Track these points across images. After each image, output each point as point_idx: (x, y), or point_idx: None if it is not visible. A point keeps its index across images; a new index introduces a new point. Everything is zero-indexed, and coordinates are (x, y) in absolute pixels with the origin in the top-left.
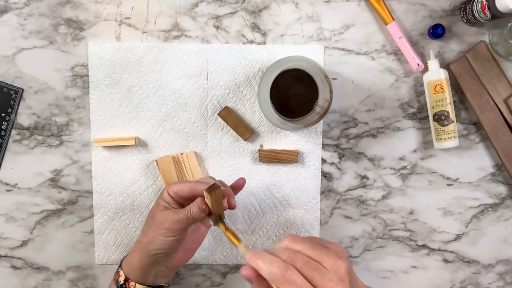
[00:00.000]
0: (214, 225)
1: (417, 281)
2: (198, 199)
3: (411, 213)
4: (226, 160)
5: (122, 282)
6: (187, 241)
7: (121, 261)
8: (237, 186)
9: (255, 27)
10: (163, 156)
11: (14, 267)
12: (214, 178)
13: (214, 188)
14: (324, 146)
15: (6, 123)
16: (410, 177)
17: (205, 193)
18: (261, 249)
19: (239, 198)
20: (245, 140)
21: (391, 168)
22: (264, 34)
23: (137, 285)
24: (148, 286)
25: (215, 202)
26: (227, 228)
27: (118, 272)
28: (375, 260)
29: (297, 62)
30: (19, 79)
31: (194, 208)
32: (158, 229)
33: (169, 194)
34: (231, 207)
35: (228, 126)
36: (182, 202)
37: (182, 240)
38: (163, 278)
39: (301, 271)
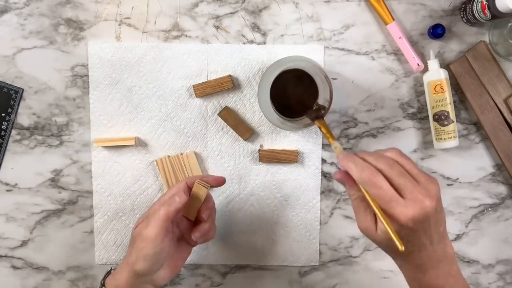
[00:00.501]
0: (312, 121)
1: None
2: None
3: None
4: (226, 160)
5: None
6: (173, 258)
7: (103, 280)
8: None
9: (255, 27)
10: (163, 156)
11: (14, 267)
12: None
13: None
14: (324, 146)
15: (6, 123)
16: None
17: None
18: (363, 152)
19: (239, 197)
20: (245, 140)
21: None
22: (264, 34)
23: None
24: None
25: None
26: (323, 125)
27: None
28: (375, 260)
29: (297, 62)
30: (19, 79)
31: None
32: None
33: (173, 214)
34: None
35: (228, 126)
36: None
37: (168, 255)
38: None
39: (394, 178)
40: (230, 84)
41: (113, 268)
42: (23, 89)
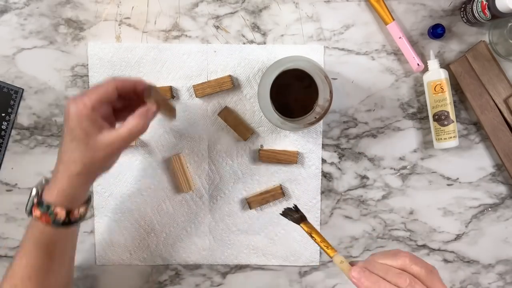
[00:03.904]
0: (297, 224)
1: None
2: (148, 107)
3: (411, 213)
4: (226, 160)
5: (64, 217)
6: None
7: (37, 197)
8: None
9: (255, 27)
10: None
11: None
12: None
13: (152, 87)
14: (324, 146)
15: (6, 123)
16: (410, 177)
17: (148, 96)
18: (368, 263)
19: (239, 197)
20: (245, 140)
21: (391, 168)
22: (264, 34)
23: (81, 209)
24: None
25: (162, 101)
26: (313, 229)
27: (52, 211)
28: None
29: (297, 62)
30: (19, 79)
31: (143, 121)
32: (98, 151)
33: (91, 107)
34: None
35: (228, 126)
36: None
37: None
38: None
39: None
40: (230, 84)
41: (45, 179)
42: (23, 89)
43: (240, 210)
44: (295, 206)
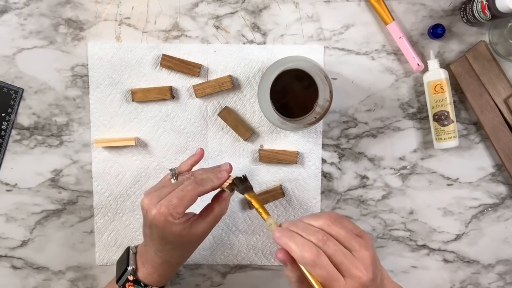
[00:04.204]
0: (242, 194)
1: (417, 281)
2: (225, 197)
3: (411, 213)
4: (226, 160)
5: None
6: None
7: (132, 275)
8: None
9: (255, 27)
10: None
11: (14, 267)
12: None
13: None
14: (324, 146)
15: (6, 123)
16: (410, 177)
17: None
18: (292, 223)
19: (239, 198)
20: (245, 140)
21: (391, 168)
22: (264, 34)
23: None
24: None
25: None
26: (254, 197)
27: None
28: None
29: (297, 62)
30: (19, 79)
31: (224, 205)
32: (193, 243)
33: (178, 215)
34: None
35: (228, 126)
36: None
37: None
38: None
39: (332, 256)
40: (230, 84)
41: (132, 251)
42: (23, 89)
43: (240, 210)
44: (244, 176)
